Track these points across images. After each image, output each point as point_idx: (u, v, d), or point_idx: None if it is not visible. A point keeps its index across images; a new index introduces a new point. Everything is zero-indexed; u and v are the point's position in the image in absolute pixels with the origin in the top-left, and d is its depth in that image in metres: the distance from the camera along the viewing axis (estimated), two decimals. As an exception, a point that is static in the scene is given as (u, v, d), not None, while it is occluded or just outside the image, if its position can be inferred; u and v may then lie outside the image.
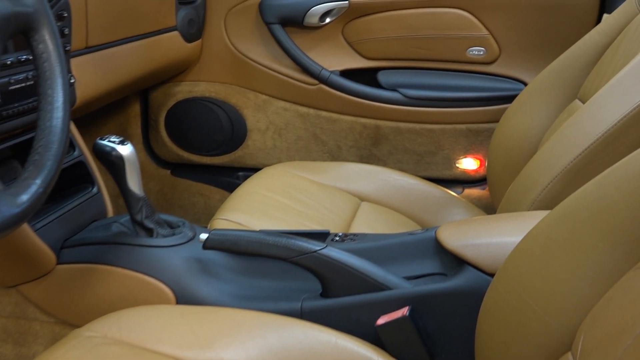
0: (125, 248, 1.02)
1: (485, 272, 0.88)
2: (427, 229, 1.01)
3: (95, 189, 1.17)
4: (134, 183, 1.02)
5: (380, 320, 0.89)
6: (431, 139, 1.74)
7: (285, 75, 1.77)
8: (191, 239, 1.05)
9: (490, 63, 1.70)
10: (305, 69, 1.74)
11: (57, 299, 1.05)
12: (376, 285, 0.92)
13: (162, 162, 1.93)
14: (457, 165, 1.76)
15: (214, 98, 1.84)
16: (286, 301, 0.96)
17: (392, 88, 1.74)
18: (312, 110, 1.79)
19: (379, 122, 1.75)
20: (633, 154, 0.70)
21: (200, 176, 1.91)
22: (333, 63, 1.75)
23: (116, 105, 1.85)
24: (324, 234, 1.07)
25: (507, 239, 0.88)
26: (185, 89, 1.84)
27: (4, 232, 0.64)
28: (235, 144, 1.86)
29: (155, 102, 1.87)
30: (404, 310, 0.88)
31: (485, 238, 0.91)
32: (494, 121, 1.65)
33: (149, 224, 1.04)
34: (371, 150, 1.79)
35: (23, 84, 0.97)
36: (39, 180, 0.69)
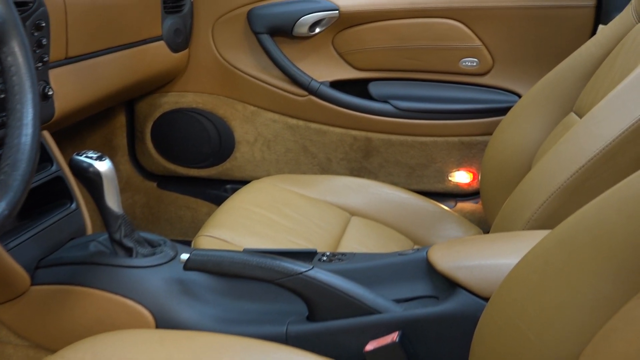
0: (102, 269, 0.98)
1: (479, 296, 0.84)
2: (418, 249, 0.97)
3: (73, 205, 1.13)
4: (112, 200, 0.98)
5: (369, 346, 0.85)
6: (423, 152, 1.71)
7: (274, 86, 1.73)
8: (172, 259, 1.01)
9: (483, 74, 1.67)
10: (294, 80, 1.70)
11: (31, 321, 1.00)
12: (365, 309, 0.88)
13: (148, 175, 1.89)
14: (450, 178, 1.73)
15: (201, 109, 1.80)
16: (271, 325, 0.92)
17: (383, 99, 1.70)
18: (302, 122, 1.75)
19: (370, 134, 1.72)
20: (635, 175, 0.67)
21: (187, 189, 1.86)
22: (323, 74, 1.72)
23: (101, 117, 1.80)
24: (311, 254, 1.03)
25: (502, 261, 0.84)
26: (171, 100, 1.80)
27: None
28: (223, 156, 1.82)
29: (141, 113, 1.82)
30: (394, 336, 0.84)
31: (479, 260, 0.87)
32: (487, 134, 1.62)
33: (128, 242, 1.00)
34: (362, 163, 1.75)
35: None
36: (3, 202, 0.65)
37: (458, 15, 1.62)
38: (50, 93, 1.13)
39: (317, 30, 1.68)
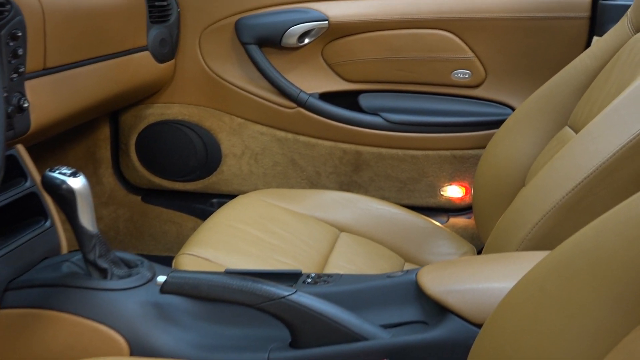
0: (74, 291, 0.93)
1: (471, 322, 0.80)
2: (407, 271, 0.93)
3: (48, 223, 1.08)
4: (86, 219, 0.93)
5: (355, 375, 0.80)
6: (414, 166, 1.67)
7: (262, 97, 1.69)
8: (149, 280, 0.96)
9: (476, 86, 1.63)
10: (282, 92, 1.66)
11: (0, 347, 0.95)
12: (351, 335, 0.83)
13: (133, 188, 1.84)
14: (442, 193, 1.69)
15: (187, 121, 1.75)
16: (251, 352, 0.87)
17: (374, 112, 1.66)
18: (290, 135, 1.71)
19: (360, 148, 1.68)
20: (636, 196, 0.63)
21: (172, 203, 1.82)
22: (312, 85, 1.68)
23: (84, 128, 1.76)
24: (296, 275, 0.98)
25: (495, 285, 0.81)
26: (157, 112, 1.76)
27: None
28: (210, 170, 1.78)
29: (126, 125, 1.78)
30: (381, 364, 0.80)
31: (471, 283, 0.83)
32: (480, 147, 1.59)
33: (103, 263, 0.95)
34: (352, 176, 1.71)
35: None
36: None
37: (450, 26, 1.58)
38: (25, 105, 1.09)
39: (306, 40, 1.64)
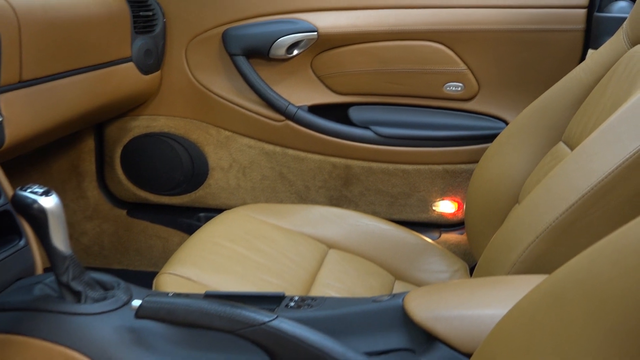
0: (46, 316, 0.88)
1: (460, 351, 0.76)
2: (394, 295, 0.89)
3: (22, 242, 1.03)
4: (59, 239, 0.89)
5: (338, 407, 0.76)
6: (406, 180, 1.63)
7: (250, 110, 1.65)
8: (125, 304, 0.91)
9: (468, 100, 1.60)
10: (271, 104, 1.62)
11: (-33, 374, 0.91)
12: (334, 364, 0.79)
13: (118, 202, 1.80)
14: (434, 208, 1.65)
15: (173, 134, 1.71)
16: (230, 380, 0.83)
17: (364, 125, 1.63)
18: (279, 148, 1.67)
19: (350, 162, 1.64)
20: (632, 223, 0.59)
21: (158, 217, 1.77)
22: (301, 98, 1.64)
23: (68, 141, 1.72)
24: (278, 298, 0.94)
25: (485, 312, 0.77)
26: (142, 124, 1.72)
27: None
28: (196, 183, 1.74)
29: (111, 138, 1.74)
30: (365, 395, 0.75)
31: (460, 310, 0.79)
32: (473, 162, 1.56)
33: (77, 286, 0.91)
34: (341, 191, 1.67)
35: None
36: None
37: (442, 38, 1.55)
38: (-1, 120, 1.05)
39: (295, 52, 1.60)
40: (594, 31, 1.45)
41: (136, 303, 0.85)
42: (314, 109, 1.65)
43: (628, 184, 0.88)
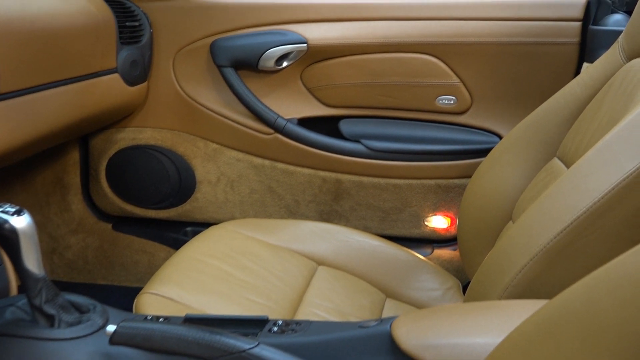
0: (17, 341, 0.84)
1: (450, 382, 0.72)
2: (382, 320, 0.85)
3: (-5, 262, 0.99)
4: (31, 261, 0.85)
5: None
6: (397, 195, 1.60)
7: (238, 122, 1.62)
8: (101, 328, 0.87)
9: (461, 113, 1.57)
10: (259, 117, 1.59)
11: None
12: (317, 394, 0.76)
13: (103, 215, 1.76)
14: (426, 223, 1.62)
15: (160, 146, 1.68)
16: (209, 410, 0.79)
17: (355, 139, 1.59)
18: (268, 162, 1.64)
19: (340, 176, 1.61)
20: (630, 253, 0.56)
21: (144, 231, 1.73)
22: (290, 110, 1.61)
23: (52, 153, 1.68)
24: (262, 322, 0.90)
25: (476, 340, 0.73)
26: (128, 136, 1.68)
27: None
28: (183, 197, 1.70)
29: (96, 150, 1.70)
30: None
31: (450, 338, 0.75)
32: (466, 176, 1.52)
33: (50, 309, 0.87)
34: (332, 205, 1.64)
35: None
36: None
37: (434, 51, 1.52)
38: (-26, 134, 1.01)
39: (285, 64, 1.57)
40: (589, 44, 1.42)
41: (111, 328, 0.81)
42: (304, 122, 1.62)
43: (625, 204, 0.84)
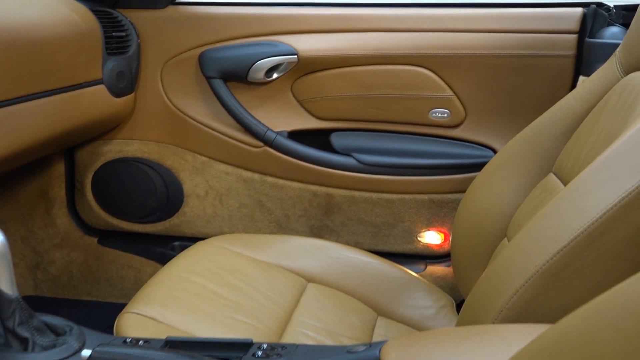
0: (-13, 366, 0.80)
1: (441, 413, 0.69)
2: (371, 345, 0.82)
3: (-30, 281, 0.95)
4: (3, 281, 0.81)
5: None
6: (390, 210, 1.56)
7: (227, 135, 1.58)
8: (77, 352, 0.83)
9: (455, 127, 1.54)
10: (249, 129, 1.55)
11: None
12: None
13: (89, 229, 1.72)
14: (419, 239, 1.58)
15: (147, 159, 1.64)
16: None
17: (346, 152, 1.56)
18: (257, 175, 1.60)
19: (331, 190, 1.57)
20: (631, 280, 0.53)
21: (130, 246, 1.69)
22: (280, 123, 1.57)
23: (37, 165, 1.64)
24: (246, 345, 0.86)
25: (469, 369, 0.69)
26: (115, 148, 1.64)
27: None
28: (171, 211, 1.66)
29: (82, 162, 1.66)
30: None
31: (441, 365, 0.71)
32: (460, 191, 1.49)
33: (24, 332, 0.83)
34: (323, 220, 1.60)
35: None
36: None
37: (427, 63, 1.49)
38: (-51, 147, 0.97)
39: (275, 75, 1.54)
40: (586, 57, 1.39)
41: (86, 353, 0.78)
42: (294, 135, 1.59)
43: (624, 224, 0.81)
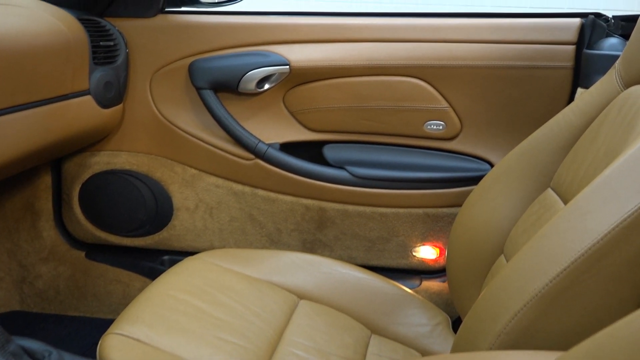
0: (-41, 395, 0.77)
1: None
2: (363, 373, 0.78)
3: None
4: (-23, 306, 0.77)
5: None
6: (384, 224, 1.53)
7: (218, 147, 1.55)
8: (55, 379, 0.80)
9: (450, 139, 1.50)
10: (240, 141, 1.52)
11: None
12: None
13: (76, 243, 1.68)
14: (414, 253, 1.55)
15: (135, 171, 1.60)
16: None
17: (339, 165, 1.53)
18: (248, 188, 1.57)
19: (324, 204, 1.54)
20: (636, 314, 0.50)
21: (118, 260, 1.66)
22: (272, 135, 1.54)
23: (22, 177, 1.60)
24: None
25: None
26: (103, 160, 1.60)
27: None
28: (160, 224, 1.62)
29: (69, 174, 1.62)
30: None
31: (436, 397, 0.68)
32: (456, 205, 1.46)
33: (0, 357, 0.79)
34: (315, 234, 1.56)
35: None
36: None
37: (422, 74, 1.46)
38: None
39: (266, 86, 1.51)
40: (584, 69, 1.37)
41: (63, 382, 0.74)
42: (286, 147, 1.55)
43: (626, 246, 0.78)
